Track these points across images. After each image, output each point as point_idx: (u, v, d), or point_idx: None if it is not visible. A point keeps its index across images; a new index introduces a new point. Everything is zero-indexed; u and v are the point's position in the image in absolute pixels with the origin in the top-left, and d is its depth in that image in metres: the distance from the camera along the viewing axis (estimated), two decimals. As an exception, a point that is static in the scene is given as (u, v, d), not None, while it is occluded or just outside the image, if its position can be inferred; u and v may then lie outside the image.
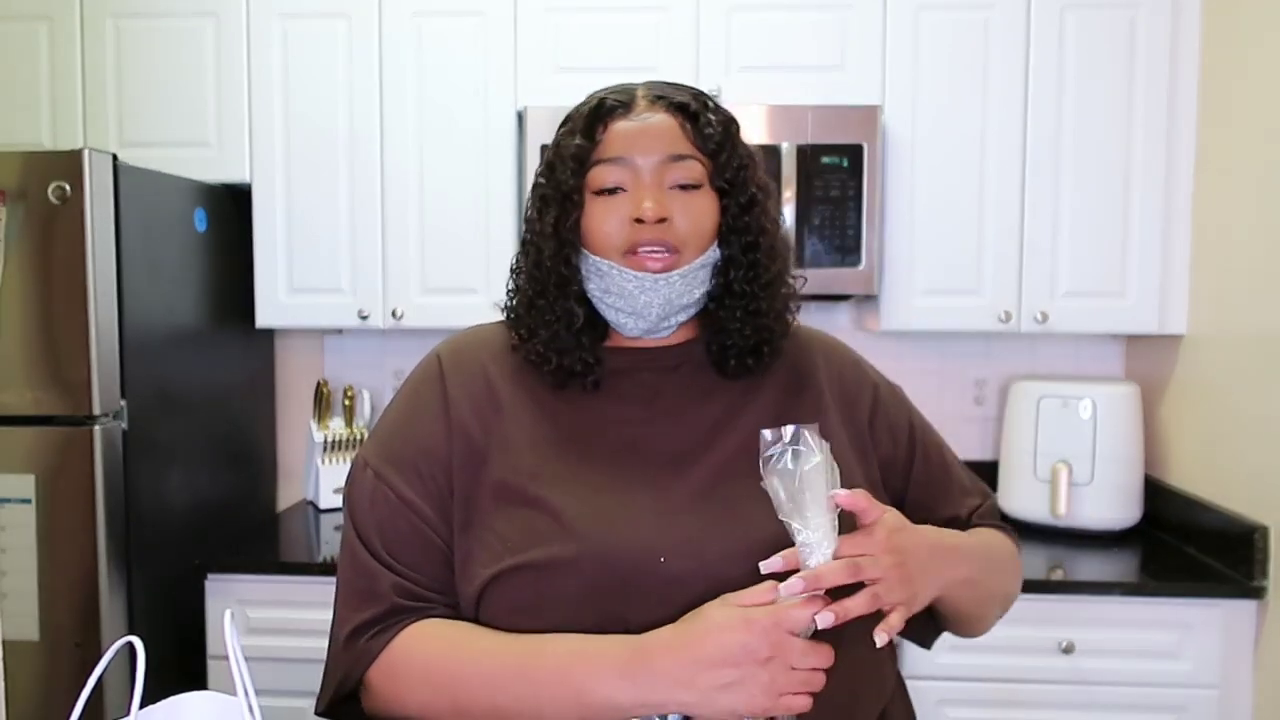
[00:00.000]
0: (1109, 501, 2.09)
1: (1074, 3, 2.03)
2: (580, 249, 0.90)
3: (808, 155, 2.00)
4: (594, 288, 0.91)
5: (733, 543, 0.83)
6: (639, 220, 0.86)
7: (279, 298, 2.18)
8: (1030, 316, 2.08)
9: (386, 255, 2.15)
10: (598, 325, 0.93)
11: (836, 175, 2.00)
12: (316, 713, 0.90)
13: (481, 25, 2.11)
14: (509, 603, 0.84)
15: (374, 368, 2.49)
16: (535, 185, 0.93)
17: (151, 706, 0.75)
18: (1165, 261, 2.06)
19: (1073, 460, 2.07)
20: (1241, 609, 1.79)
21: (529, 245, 0.93)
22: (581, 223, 0.90)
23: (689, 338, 0.95)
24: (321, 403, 2.37)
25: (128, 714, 0.71)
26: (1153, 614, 1.80)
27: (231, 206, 2.22)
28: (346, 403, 2.38)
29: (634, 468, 0.88)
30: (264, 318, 2.19)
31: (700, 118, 0.90)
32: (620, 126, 0.89)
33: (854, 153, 1.99)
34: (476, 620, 0.87)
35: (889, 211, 2.09)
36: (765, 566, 0.76)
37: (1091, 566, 1.93)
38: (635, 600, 0.81)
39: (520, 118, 2.09)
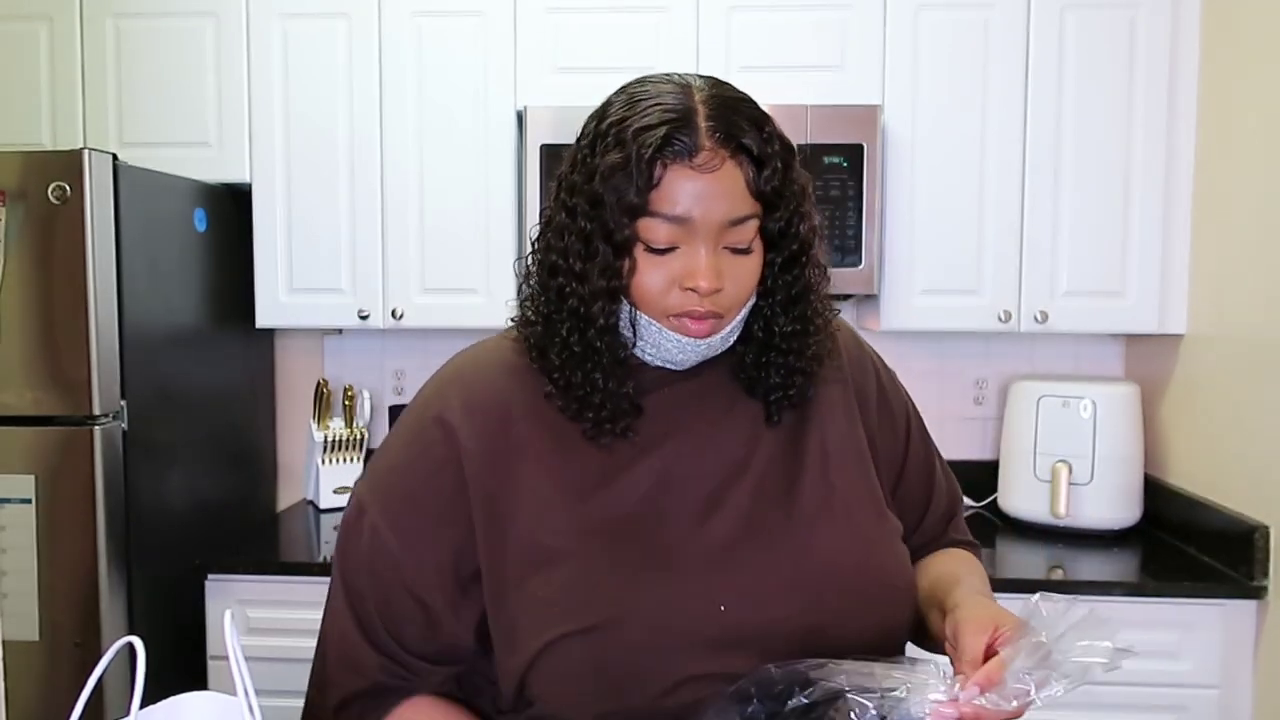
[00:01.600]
0: (1109, 501, 2.09)
1: (1074, 3, 2.03)
2: (629, 305, 0.83)
3: (808, 155, 1.98)
4: (628, 333, 0.84)
5: (787, 577, 0.81)
6: (691, 288, 0.80)
7: (279, 298, 2.18)
8: (1030, 316, 2.08)
9: (386, 255, 2.15)
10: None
11: (836, 175, 2.00)
12: None
13: (481, 25, 2.11)
14: (563, 671, 0.79)
15: (374, 368, 2.49)
16: (569, 209, 0.82)
17: (151, 706, 0.75)
18: (1165, 261, 2.06)
19: (1073, 460, 2.07)
20: (1241, 609, 1.79)
21: (561, 277, 0.83)
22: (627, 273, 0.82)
23: None
24: (321, 403, 2.37)
25: (128, 714, 0.71)
26: (1153, 614, 1.80)
27: (231, 206, 2.22)
28: (346, 403, 2.38)
29: (670, 504, 0.83)
30: (264, 318, 2.19)
31: (764, 165, 0.80)
32: (682, 175, 0.78)
33: (854, 153, 1.99)
34: (523, 691, 0.82)
35: (889, 211, 2.09)
36: (962, 699, 0.70)
37: (1091, 566, 1.93)
38: (697, 652, 0.78)
39: (520, 118, 2.09)
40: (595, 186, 0.80)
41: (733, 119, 0.80)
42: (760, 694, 0.72)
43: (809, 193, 0.86)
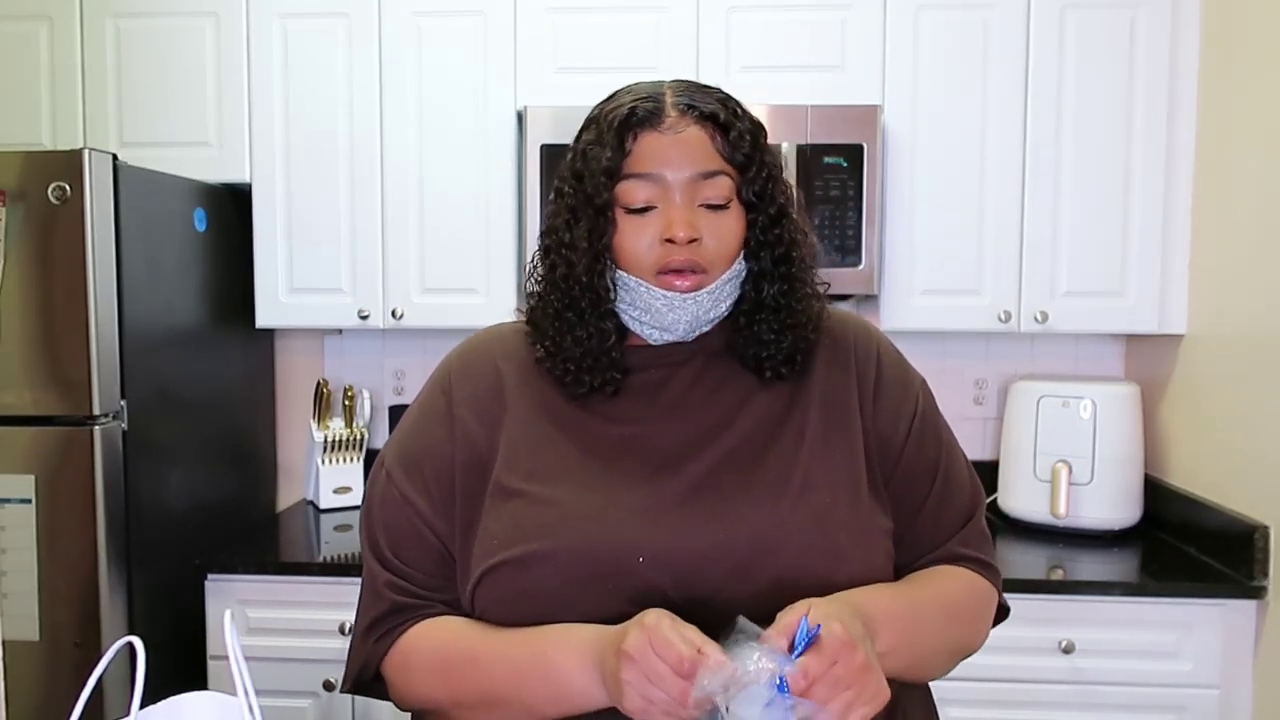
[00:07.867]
0: (1109, 501, 2.09)
1: (1074, 3, 2.03)
2: (612, 264, 0.89)
3: (808, 155, 1.99)
4: (620, 301, 0.90)
5: (710, 543, 0.84)
6: (669, 240, 0.86)
7: (279, 298, 2.18)
8: (1030, 316, 2.08)
9: (386, 255, 2.15)
10: (621, 331, 0.92)
11: (836, 175, 2.00)
12: (341, 691, 0.97)
13: (481, 25, 2.11)
14: (496, 597, 0.87)
15: (374, 368, 2.49)
16: (559, 192, 0.91)
17: (151, 706, 0.76)
18: (1165, 261, 2.06)
19: (1073, 460, 2.07)
20: (1241, 609, 1.79)
21: (553, 254, 0.91)
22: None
23: (705, 330, 0.94)
24: (321, 403, 2.37)
25: (128, 714, 0.71)
26: (1153, 614, 1.80)
27: (231, 206, 2.22)
28: (346, 403, 2.38)
29: (630, 465, 0.89)
30: (264, 318, 2.19)
31: (731, 129, 0.88)
32: (650, 139, 0.87)
33: (854, 153, 1.99)
34: (473, 617, 0.90)
35: (889, 211, 2.09)
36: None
37: (1091, 566, 1.93)
38: (614, 598, 0.82)
39: (520, 118, 2.09)
40: (576, 164, 0.90)
41: (697, 96, 0.90)
42: None
43: (781, 166, 0.93)
